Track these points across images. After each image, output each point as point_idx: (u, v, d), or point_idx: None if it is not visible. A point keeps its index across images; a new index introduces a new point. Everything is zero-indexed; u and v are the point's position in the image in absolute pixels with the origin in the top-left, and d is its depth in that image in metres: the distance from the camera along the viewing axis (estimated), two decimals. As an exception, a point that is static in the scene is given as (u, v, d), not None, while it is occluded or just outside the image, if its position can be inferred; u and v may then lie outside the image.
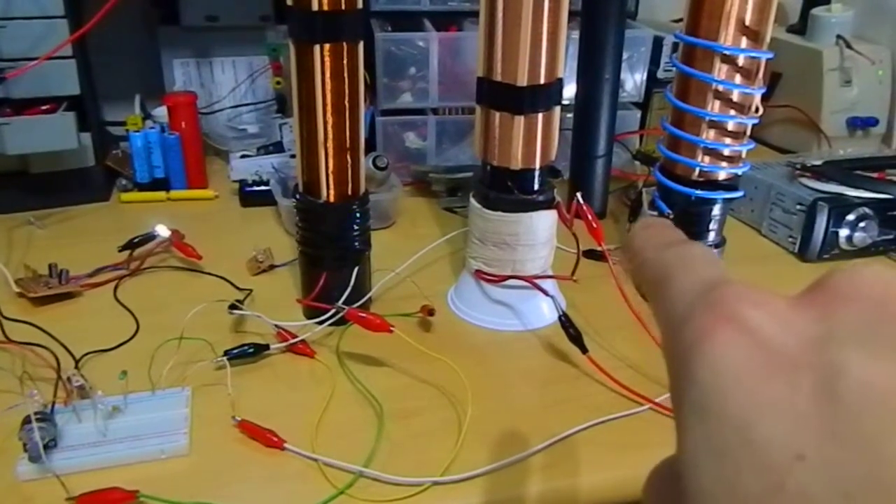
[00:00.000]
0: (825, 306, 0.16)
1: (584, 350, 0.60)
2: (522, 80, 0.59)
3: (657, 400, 0.56)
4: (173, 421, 0.52)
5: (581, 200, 0.65)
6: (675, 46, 0.96)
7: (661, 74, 1.01)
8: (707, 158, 0.64)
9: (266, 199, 0.86)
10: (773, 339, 0.16)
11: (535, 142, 0.62)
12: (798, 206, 0.80)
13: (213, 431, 0.52)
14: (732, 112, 0.62)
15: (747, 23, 0.59)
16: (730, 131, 0.63)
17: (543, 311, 0.67)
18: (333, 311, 0.60)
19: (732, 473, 0.15)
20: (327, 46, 0.56)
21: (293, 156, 0.68)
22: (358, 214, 0.63)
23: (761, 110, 0.63)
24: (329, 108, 0.58)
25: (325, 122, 0.59)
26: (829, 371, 0.14)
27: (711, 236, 0.68)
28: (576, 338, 0.60)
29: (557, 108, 0.63)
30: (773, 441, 0.14)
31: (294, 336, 0.61)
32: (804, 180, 0.83)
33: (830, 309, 0.16)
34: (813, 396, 0.14)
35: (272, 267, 0.75)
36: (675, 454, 0.17)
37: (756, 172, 0.86)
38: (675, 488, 0.16)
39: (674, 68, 0.65)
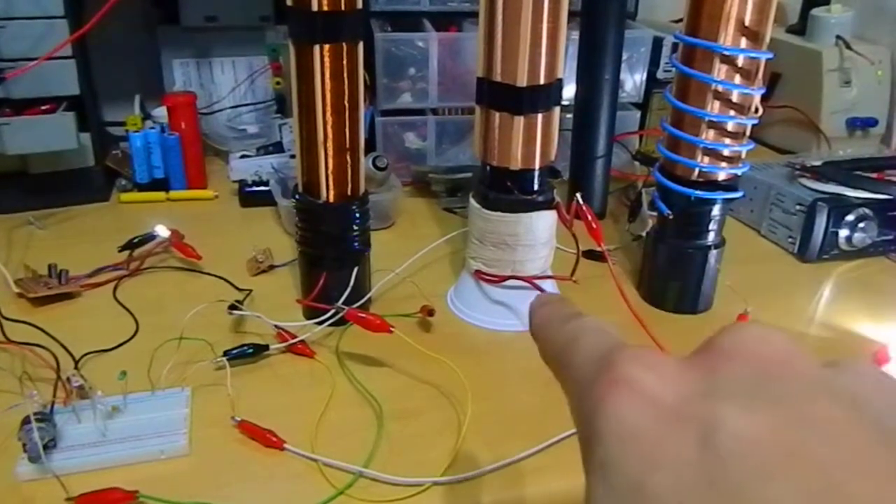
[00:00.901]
0: (710, 364, 0.17)
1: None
2: (522, 81, 0.59)
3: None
4: (173, 421, 0.52)
5: (581, 201, 0.65)
6: (674, 47, 0.96)
7: (660, 75, 1.01)
8: (707, 159, 0.64)
9: (266, 200, 0.86)
10: (663, 398, 0.17)
11: (534, 142, 0.62)
12: (798, 207, 0.80)
13: (212, 432, 0.52)
14: (732, 112, 0.62)
15: (747, 23, 0.59)
16: (729, 132, 0.63)
17: (543, 312, 0.66)
18: (333, 311, 0.60)
19: None
20: (327, 47, 0.56)
21: (293, 156, 0.68)
22: (358, 215, 0.63)
23: (761, 111, 0.63)
24: (329, 108, 0.58)
25: (325, 123, 0.59)
26: (709, 424, 0.15)
27: (711, 237, 0.68)
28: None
29: (557, 109, 0.63)
30: (661, 495, 0.15)
31: (294, 336, 0.61)
32: (804, 181, 0.83)
33: (714, 366, 0.17)
34: (696, 448, 0.15)
35: (272, 267, 0.75)
36: None
37: (756, 173, 0.86)
38: None
39: (673, 69, 0.65)
